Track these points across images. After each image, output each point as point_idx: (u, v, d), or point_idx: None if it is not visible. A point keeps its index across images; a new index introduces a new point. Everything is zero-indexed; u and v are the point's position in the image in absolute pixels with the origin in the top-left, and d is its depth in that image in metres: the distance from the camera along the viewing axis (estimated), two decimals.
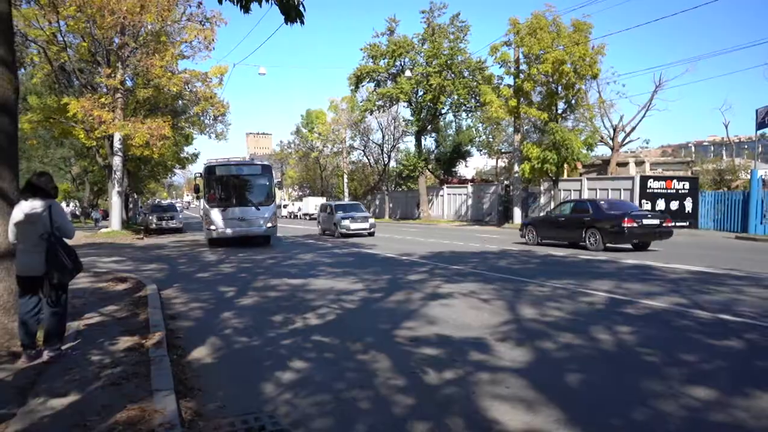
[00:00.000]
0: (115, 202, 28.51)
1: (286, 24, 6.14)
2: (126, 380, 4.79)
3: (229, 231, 19.86)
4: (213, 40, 26.60)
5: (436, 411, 4.29)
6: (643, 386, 4.68)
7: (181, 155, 41.31)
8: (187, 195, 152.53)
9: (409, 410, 4.32)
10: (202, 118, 31.89)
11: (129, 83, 28.17)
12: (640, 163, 41.17)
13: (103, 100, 25.14)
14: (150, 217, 33.86)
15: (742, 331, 6.43)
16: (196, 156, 42.98)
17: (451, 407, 4.35)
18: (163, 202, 51.19)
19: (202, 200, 21.16)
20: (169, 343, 6.10)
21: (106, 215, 40.73)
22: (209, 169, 20.40)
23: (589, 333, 6.48)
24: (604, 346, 5.98)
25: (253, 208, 20.17)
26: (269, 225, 20.35)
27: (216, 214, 19.79)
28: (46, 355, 5.42)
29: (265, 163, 22.66)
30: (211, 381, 5.10)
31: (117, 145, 26.92)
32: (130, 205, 46.13)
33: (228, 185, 20.62)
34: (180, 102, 31.94)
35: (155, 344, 5.92)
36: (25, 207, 5.38)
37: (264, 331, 7.06)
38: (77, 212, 61.56)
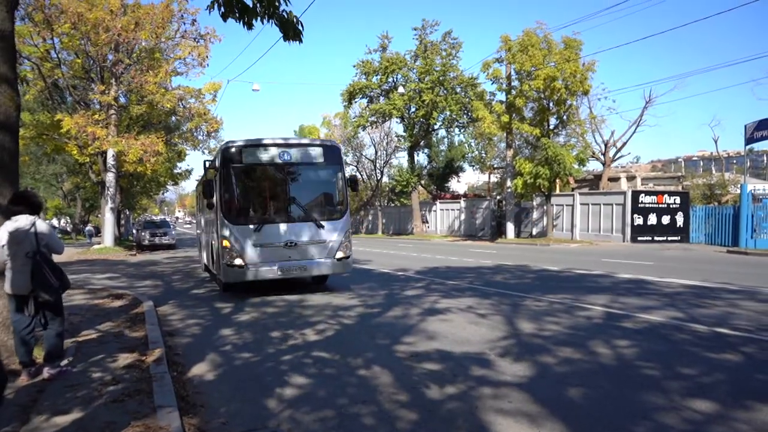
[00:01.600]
0: (108, 219, 28.41)
1: (285, 41, 6.24)
2: (128, 397, 4.78)
3: (268, 269, 10.89)
4: (207, 56, 26.68)
5: (441, 426, 4.30)
6: (644, 399, 4.71)
7: (174, 171, 41.21)
8: (179, 211, 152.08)
9: (413, 425, 4.33)
10: (195, 134, 31.83)
11: (123, 100, 28.24)
12: (631, 178, 41.53)
13: (96, 116, 25.16)
14: (143, 234, 33.68)
15: (739, 344, 6.49)
16: (189, 172, 42.89)
17: (455, 422, 4.36)
18: (155, 218, 50.98)
19: (215, 212, 11.56)
20: (168, 360, 6.09)
21: (97, 231, 40.53)
22: (230, 154, 11.08)
23: (589, 347, 6.52)
24: (604, 360, 6.01)
25: (312, 224, 11.23)
26: (340, 255, 11.42)
27: (242, 237, 10.77)
28: (46, 372, 5.39)
29: (331, 142, 12.81)
30: (213, 397, 5.09)
31: (110, 161, 26.93)
32: (122, 222, 45.94)
33: (264, 183, 11.58)
34: (173, 118, 31.98)
35: (155, 361, 5.91)
36: (9, 226, 5.34)
37: (263, 347, 7.05)
38: (68, 228, 61.24)
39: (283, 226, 11.08)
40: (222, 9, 5.80)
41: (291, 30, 6.12)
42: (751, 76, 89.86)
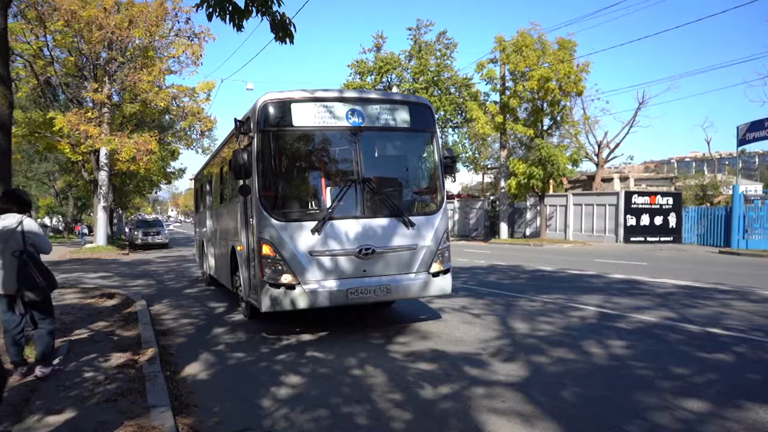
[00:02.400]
0: (101, 217, 28.29)
1: (276, 42, 6.21)
2: (121, 396, 4.76)
3: (333, 291, 7.16)
4: (201, 55, 26.62)
5: (434, 425, 4.31)
6: (637, 399, 4.73)
7: (168, 170, 41.08)
8: (172, 210, 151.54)
9: (406, 425, 4.34)
10: (189, 133, 31.80)
11: (116, 98, 28.08)
12: (624, 179, 41.70)
13: (89, 114, 25.03)
14: (135, 233, 33.55)
15: (731, 344, 6.53)
16: (182, 171, 42.74)
17: (449, 422, 4.37)
18: (147, 217, 50.80)
19: (249, 202, 7.67)
20: (162, 359, 6.07)
21: (89, 230, 40.34)
22: (275, 113, 7.31)
23: (582, 347, 6.54)
24: (597, 359, 6.03)
25: (397, 221, 7.54)
26: (436, 268, 7.73)
27: (293, 241, 7.13)
28: (39, 371, 5.36)
29: (422, 100, 8.50)
30: (206, 397, 5.08)
31: (103, 159, 26.81)
32: (115, 220, 45.73)
33: (327, 158, 7.93)
34: (167, 117, 31.86)
35: (148, 360, 5.89)
36: None
37: (257, 346, 7.04)
38: (60, 227, 60.90)
39: (355, 225, 7.21)
40: (210, 9, 5.76)
41: (283, 31, 6.09)
42: (743, 78, 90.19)
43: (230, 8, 5.78)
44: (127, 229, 42.56)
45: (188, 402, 4.90)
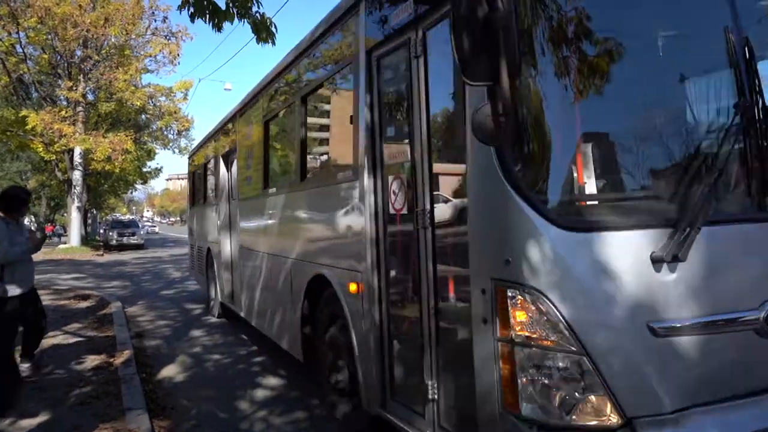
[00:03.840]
0: (75, 218, 27.84)
1: (258, 43, 6.17)
2: (96, 399, 4.70)
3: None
4: (178, 54, 26.31)
5: None
6: None
7: (144, 170, 40.50)
8: (147, 210, 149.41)
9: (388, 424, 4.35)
10: (165, 132, 31.43)
11: (91, 96, 27.62)
12: None
13: (63, 113, 24.58)
14: (110, 233, 33.02)
15: None
16: (158, 171, 42.17)
17: None
18: (122, 217, 49.99)
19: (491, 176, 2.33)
20: (137, 361, 6.01)
21: (64, 230, 39.67)
22: None
23: None
24: None
25: None
26: None
27: (598, 286, 2.15)
28: None
29: None
30: (183, 399, 5.04)
31: (77, 159, 26.34)
32: (89, 221, 44.98)
33: (665, 59, 2.49)
34: (143, 116, 31.44)
35: (124, 362, 5.83)
36: None
37: (234, 348, 7.01)
38: (32, 227, 59.77)
39: (754, 238, 2.41)
40: (192, 9, 5.71)
41: (264, 32, 6.06)
42: None
43: (209, 9, 5.74)
44: (101, 230, 41.86)
45: (165, 404, 4.86)
